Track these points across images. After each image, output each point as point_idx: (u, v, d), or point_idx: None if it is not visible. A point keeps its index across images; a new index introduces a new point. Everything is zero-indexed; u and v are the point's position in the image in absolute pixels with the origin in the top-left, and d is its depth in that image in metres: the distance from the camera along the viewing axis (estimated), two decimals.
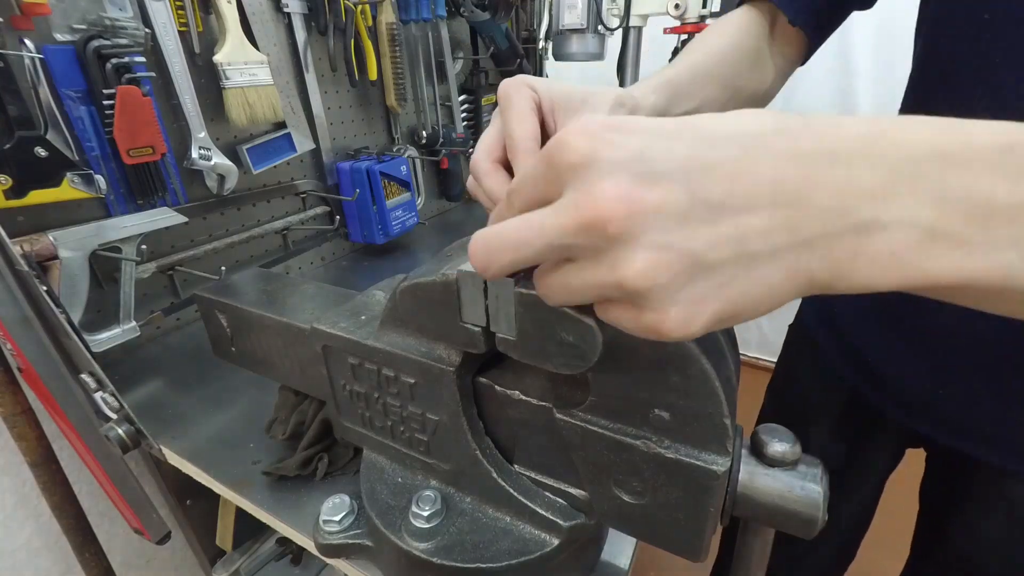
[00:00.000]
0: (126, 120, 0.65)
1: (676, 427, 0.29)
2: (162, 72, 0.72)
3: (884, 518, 0.72)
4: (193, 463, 0.56)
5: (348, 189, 1.02)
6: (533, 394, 0.35)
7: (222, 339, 0.54)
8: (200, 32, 0.75)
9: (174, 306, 0.81)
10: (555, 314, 0.26)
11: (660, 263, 0.19)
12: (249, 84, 0.80)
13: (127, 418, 0.56)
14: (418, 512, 0.38)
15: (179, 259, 0.79)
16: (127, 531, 0.81)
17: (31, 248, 0.61)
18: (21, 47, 0.58)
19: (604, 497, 0.33)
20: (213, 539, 0.78)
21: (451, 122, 1.29)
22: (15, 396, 0.63)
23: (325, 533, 0.42)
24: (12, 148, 0.57)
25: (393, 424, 0.41)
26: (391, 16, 1.01)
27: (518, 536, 0.37)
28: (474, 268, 0.23)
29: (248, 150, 0.85)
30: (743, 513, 0.30)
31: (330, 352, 0.42)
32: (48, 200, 0.61)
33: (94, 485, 0.77)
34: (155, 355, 0.77)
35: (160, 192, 0.73)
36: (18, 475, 0.70)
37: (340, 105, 1.03)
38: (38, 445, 0.66)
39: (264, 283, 0.53)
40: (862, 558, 0.74)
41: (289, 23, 0.89)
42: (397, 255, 1.13)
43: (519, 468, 0.38)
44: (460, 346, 0.34)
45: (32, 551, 0.75)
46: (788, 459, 0.29)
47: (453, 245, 0.37)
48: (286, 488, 0.51)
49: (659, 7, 1.13)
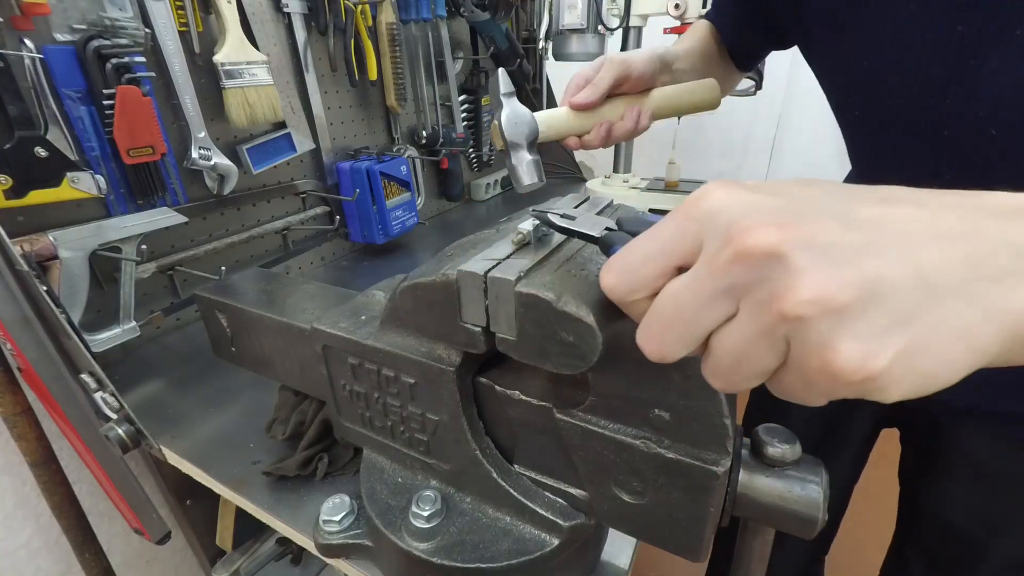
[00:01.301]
0: (126, 120, 0.65)
1: (676, 427, 0.29)
2: (162, 72, 0.72)
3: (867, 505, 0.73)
4: (193, 463, 0.56)
5: (348, 189, 1.02)
6: (533, 394, 0.35)
7: (222, 339, 0.54)
8: (200, 32, 0.75)
9: (174, 306, 0.81)
10: (555, 314, 0.26)
11: (827, 284, 0.17)
12: (249, 84, 0.80)
13: (127, 418, 0.56)
14: (418, 512, 0.38)
15: (179, 259, 0.79)
16: (127, 531, 0.81)
17: (31, 248, 0.61)
18: (21, 47, 0.58)
19: (604, 497, 0.33)
20: (213, 539, 0.78)
21: (451, 122, 1.29)
22: (15, 396, 0.63)
23: (325, 533, 0.42)
24: (12, 148, 0.58)
25: (393, 424, 0.41)
26: (391, 16, 1.01)
27: (518, 536, 0.37)
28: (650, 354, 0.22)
29: (248, 150, 0.85)
30: (743, 513, 0.30)
31: (330, 352, 0.42)
32: (48, 200, 0.61)
33: (94, 485, 0.77)
34: (155, 355, 0.77)
35: (160, 192, 0.73)
36: (18, 475, 0.70)
37: (340, 105, 1.03)
38: (38, 445, 0.66)
39: (264, 283, 0.53)
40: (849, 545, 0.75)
41: (289, 23, 0.89)
42: (397, 255, 1.13)
43: (519, 468, 0.38)
44: (460, 346, 0.33)
45: (32, 551, 0.75)
46: (788, 459, 0.29)
47: (453, 245, 0.37)
48: (286, 488, 0.51)
49: (659, 7, 1.13)
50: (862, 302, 0.17)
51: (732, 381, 0.20)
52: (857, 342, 0.17)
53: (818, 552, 0.79)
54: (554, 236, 0.33)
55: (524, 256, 0.30)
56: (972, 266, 0.17)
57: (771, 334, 0.18)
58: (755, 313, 0.18)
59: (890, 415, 0.65)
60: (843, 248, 0.17)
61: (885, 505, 0.68)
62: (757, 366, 0.19)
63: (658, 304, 0.21)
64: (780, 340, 0.18)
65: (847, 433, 0.67)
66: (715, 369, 0.21)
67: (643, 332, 0.22)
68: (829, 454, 0.68)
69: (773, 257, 0.17)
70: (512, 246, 0.31)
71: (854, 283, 0.17)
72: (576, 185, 1.64)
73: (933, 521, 0.59)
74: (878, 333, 0.17)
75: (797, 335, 0.17)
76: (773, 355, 0.19)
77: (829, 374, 0.17)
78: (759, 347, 0.19)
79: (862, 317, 0.17)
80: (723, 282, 0.19)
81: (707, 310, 0.19)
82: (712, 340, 0.20)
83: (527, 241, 0.31)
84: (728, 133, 1.95)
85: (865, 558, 0.73)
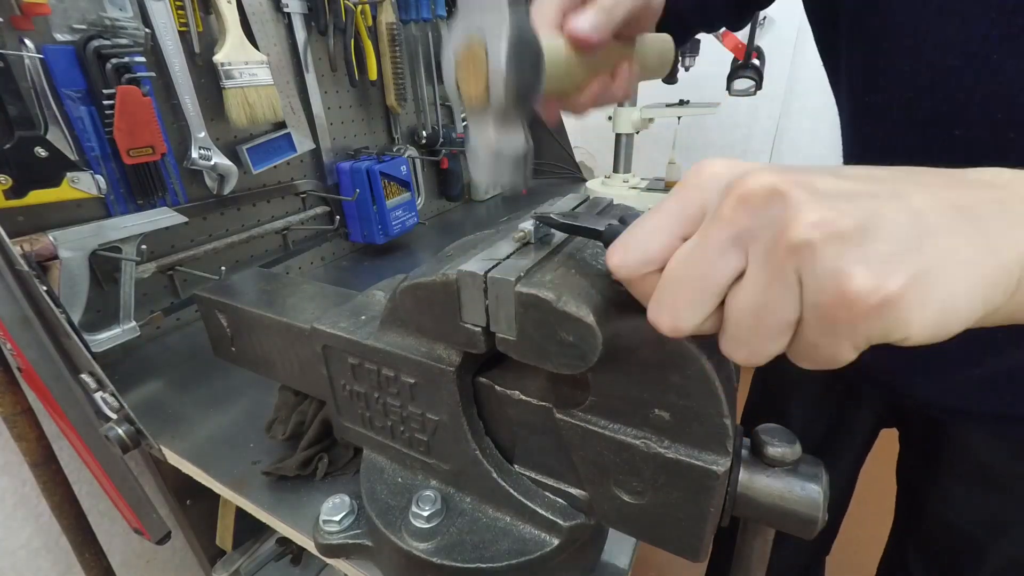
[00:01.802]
0: (126, 120, 0.65)
1: (676, 427, 0.29)
2: (162, 72, 0.72)
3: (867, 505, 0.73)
4: (193, 463, 0.56)
5: (348, 189, 1.02)
6: (533, 394, 0.35)
7: (222, 339, 0.54)
8: (200, 32, 0.75)
9: (174, 306, 0.81)
10: (555, 314, 0.26)
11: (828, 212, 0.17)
12: (249, 84, 0.80)
13: (127, 418, 0.56)
14: (418, 512, 0.38)
15: (179, 259, 0.79)
16: (127, 531, 0.81)
17: (31, 248, 0.61)
18: (21, 47, 0.58)
19: (604, 497, 0.33)
20: (213, 539, 0.78)
21: (451, 122, 1.29)
22: (15, 396, 0.63)
23: (325, 533, 0.42)
24: (12, 148, 0.58)
25: (393, 424, 0.41)
26: (391, 16, 1.01)
27: (518, 536, 0.37)
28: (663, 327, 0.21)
29: (248, 150, 0.85)
30: (743, 513, 0.30)
31: (330, 352, 0.42)
32: (48, 200, 0.61)
33: (94, 485, 0.77)
34: (155, 355, 0.77)
35: (160, 192, 0.73)
36: (18, 475, 0.70)
37: (340, 105, 1.03)
38: (38, 445, 0.66)
39: (264, 283, 0.53)
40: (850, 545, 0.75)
41: (289, 23, 0.89)
42: (397, 255, 1.13)
43: (519, 468, 0.38)
44: (460, 346, 0.33)
45: (32, 551, 0.75)
46: (788, 459, 0.29)
47: (453, 245, 0.37)
48: (286, 488, 0.51)
49: None
50: (863, 230, 0.17)
51: (755, 346, 0.20)
52: (868, 266, 0.17)
53: (819, 552, 0.79)
54: (555, 236, 0.33)
55: (524, 256, 0.30)
56: (961, 211, 0.18)
57: (783, 274, 0.18)
58: (764, 256, 0.18)
59: (890, 415, 0.65)
60: (838, 191, 0.18)
61: (886, 505, 0.68)
62: (777, 317, 0.19)
63: (667, 271, 0.21)
64: (793, 280, 0.18)
65: (848, 433, 0.67)
66: (735, 335, 0.20)
67: (654, 305, 0.21)
68: (830, 454, 0.68)
69: (774, 195, 0.18)
70: (512, 246, 0.31)
71: (853, 214, 0.17)
72: (576, 185, 1.64)
73: (932, 521, 0.59)
74: (887, 257, 0.17)
75: (808, 269, 0.17)
76: (790, 299, 0.18)
77: (846, 303, 0.17)
78: (775, 293, 0.18)
79: (868, 243, 0.17)
80: (729, 231, 0.19)
81: (717, 265, 0.19)
82: (727, 304, 0.20)
83: (527, 241, 0.31)
84: (728, 133, 1.95)
85: (866, 558, 0.73)
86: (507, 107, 0.32)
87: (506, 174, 0.35)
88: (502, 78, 0.31)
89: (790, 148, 1.87)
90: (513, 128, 0.34)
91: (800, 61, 1.72)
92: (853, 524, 0.77)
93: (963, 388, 0.49)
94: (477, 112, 0.33)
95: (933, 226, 0.17)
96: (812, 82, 1.71)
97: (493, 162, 0.35)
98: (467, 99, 0.33)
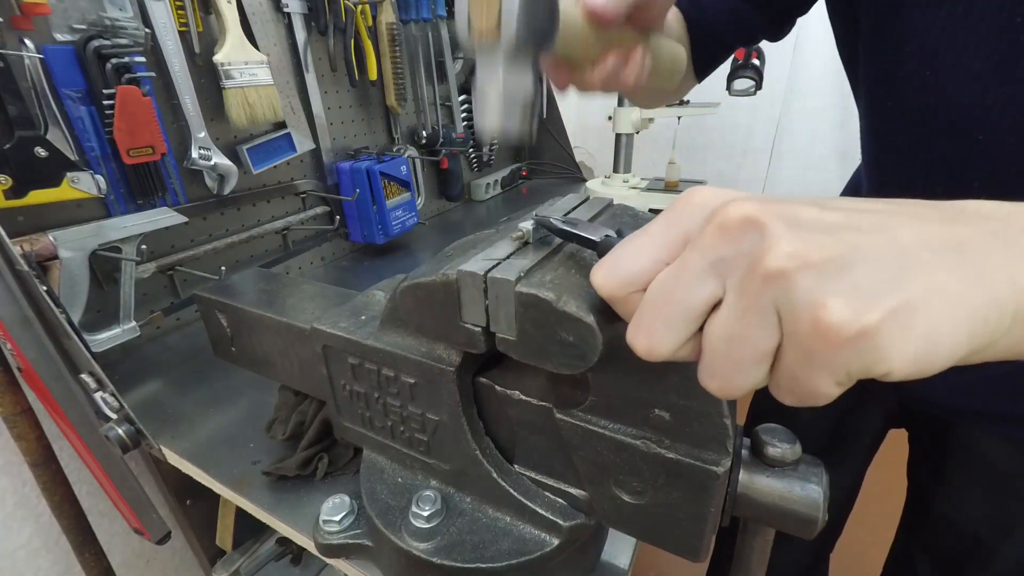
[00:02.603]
0: (126, 120, 0.65)
1: (676, 427, 0.29)
2: (162, 72, 0.72)
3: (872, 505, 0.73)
4: (193, 463, 0.56)
5: (348, 189, 1.02)
6: (533, 394, 0.35)
7: (222, 339, 0.54)
8: (200, 32, 0.75)
9: (174, 306, 0.81)
10: (555, 314, 0.26)
11: (804, 244, 0.17)
12: (249, 84, 0.80)
13: (127, 418, 0.56)
14: (418, 512, 0.38)
15: (179, 259, 0.79)
16: (127, 531, 0.81)
17: (31, 248, 0.61)
18: (21, 47, 0.58)
19: (604, 497, 0.33)
20: (213, 539, 0.78)
21: (451, 122, 1.29)
22: (15, 396, 0.63)
23: (325, 533, 0.42)
24: (12, 148, 0.58)
25: (393, 424, 0.41)
26: (391, 16, 1.01)
27: (518, 536, 0.37)
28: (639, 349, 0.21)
29: (248, 150, 0.85)
30: (743, 513, 0.30)
31: (330, 352, 0.42)
32: (48, 200, 0.61)
33: (94, 485, 0.77)
34: (155, 355, 0.77)
35: (160, 192, 0.73)
36: (18, 475, 0.70)
37: (340, 105, 1.03)
38: (38, 445, 0.66)
39: (264, 283, 0.53)
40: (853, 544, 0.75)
41: (289, 23, 0.89)
42: (397, 255, 1.13)
43: (519, 468, 0.38)
44: (460, 346, 0.33)
45: (32, 551, 0.75)
46: (788, 459, 0.29)
47: (453, 245, 0.37)
48: (286, 488, 0.51)
49: None
50: (841, 260, 0.17)
51: (729, 377, 0.19)
52: (844, 297, 0.16)
53: (822, 551, 0.79)
54: (555, 236, 0.33)
55: (524, 256, 0.30)
56: (950, 244, 0.18)
57: (758, 303, 0.18)
58: (740, 285, 0.18)
59: (899, 415, 0.65)
60: (820, 223, 0.18)
61: (890, 505, 0.68)
62: (751, 347, 0.19)
63: (647, 294, 0.21)
64: (770, 310, 0.18)
65: (856, 433, 0.67)
66: (711, 364, 0.20)
67: (633, 326, 0.22)
68: (837, 453, 0.68)
69: (752, 225, 0.18)
70: (512, 246, 0.31)
71: (830, 246, 0.17)
72: (576, 185, 1.64)
73: (939, 521, 0.59)
74: (865, 289, 0.16)
75: (785, 299, 0.17)
76: (765, 329, 0.18)
77: (822, 333, 0.17)
78: (749, 322, 0.18)
79: (845, 275, 0.17)
80: (706, 258, 0.19)
81: (694, 290, 0.19)
82: (704, 332, 0.20)
83: (527, 241, 0.31)
84: (728, 133, 1.95)
85: (870, 557, 0.74)
86: (518, 45, 0.31)
87: (514, 120, 0.34)
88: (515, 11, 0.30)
89: (790, 148, 1.87)
90: (523, 70, 0.33)
91: (800, 61, 1.72)
92: (858, 523, 0.77)
93: (972, 389, 0.49)
94: (487, 49, 0.33)
95: (918, 260, 0.17)
96: (812, 82, 1.70)
97: (501, 105, 0.34)
98: (478, 33, 0.32)
